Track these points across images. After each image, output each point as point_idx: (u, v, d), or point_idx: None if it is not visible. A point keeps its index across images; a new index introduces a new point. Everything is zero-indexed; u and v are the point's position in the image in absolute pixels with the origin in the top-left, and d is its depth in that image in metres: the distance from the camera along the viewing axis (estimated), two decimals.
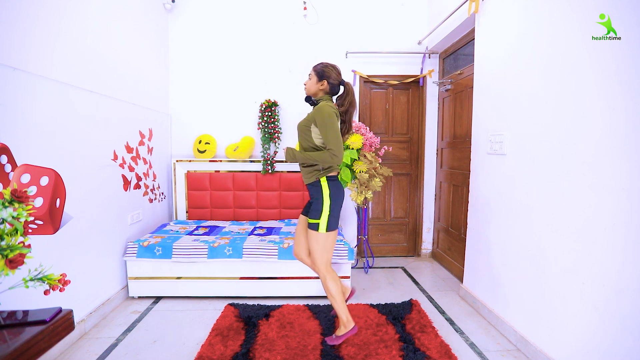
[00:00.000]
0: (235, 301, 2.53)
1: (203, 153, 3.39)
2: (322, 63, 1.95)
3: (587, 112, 1.54)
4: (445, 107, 3.37)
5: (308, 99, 2.01)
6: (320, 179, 1.89)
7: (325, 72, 1.91)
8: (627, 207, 1.36)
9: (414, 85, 3.61)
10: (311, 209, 1.91)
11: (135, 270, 2.55)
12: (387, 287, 2.90)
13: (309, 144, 1.92)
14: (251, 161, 3.40)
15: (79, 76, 2.09)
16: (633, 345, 1.33)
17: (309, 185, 1.95)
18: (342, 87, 1.95)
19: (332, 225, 1.89)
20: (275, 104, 3.40)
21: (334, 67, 1.94)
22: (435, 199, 3.63)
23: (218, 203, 3.44)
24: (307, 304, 2.46)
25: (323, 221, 1.86)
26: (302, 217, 2.10)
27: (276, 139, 3.40)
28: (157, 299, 2.62)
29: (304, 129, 1.92)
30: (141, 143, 2.86)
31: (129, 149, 2.65)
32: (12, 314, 0.91)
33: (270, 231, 2.97)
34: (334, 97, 2.01)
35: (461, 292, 2.69)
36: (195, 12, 3.42)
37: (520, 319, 2.00)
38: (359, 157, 2.96)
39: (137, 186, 2.80)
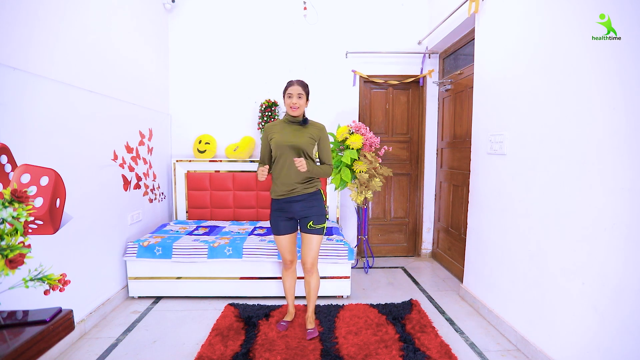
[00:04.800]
0: (235, 301, 2.53)
1: (203, 153, 3.39)
2: (303, 82, 2.03)
3: (587, 112, 1.54)
4: (445, 107, 3.37)
5: (304, 122, 2.03)
6: (320, 189, 2.12)
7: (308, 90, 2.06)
8: (627, 207, 1.36)
9: (414, 85, 3.60)
10: (315, 215, 2.04)
11: (135, 270, 2.55)
12: (387, 287, 2.90)
13: (310, 159, 2.06)
14: (251, 161, 3.40)
15: (78, 76, 2.09)
16: (633, 345, 1.33)
17: (306, 195, 2.04)
18: None
19: None
20: (275, 104, 3.40)
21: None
22: (435, 199, 3.62)
23: (218, 203, 3.44)
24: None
25: (326, 223, 2.10)
26: (291, 235, 2.10)
27: None
28: (157, 299, 2.62)
29: (309, 146, 2.02)
30: (141, 143, 2.85)
31: (129, 149, 2.65)
32: (12, 314, 0.91)
33: (270, 231, 2.96)
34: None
35: (461, 292, 2.69)
36: (195, 12, 3.42)
37: (520, 319, 2.00)
38: (359, 157, 2.96)
39: (137, 186, 2.80)
